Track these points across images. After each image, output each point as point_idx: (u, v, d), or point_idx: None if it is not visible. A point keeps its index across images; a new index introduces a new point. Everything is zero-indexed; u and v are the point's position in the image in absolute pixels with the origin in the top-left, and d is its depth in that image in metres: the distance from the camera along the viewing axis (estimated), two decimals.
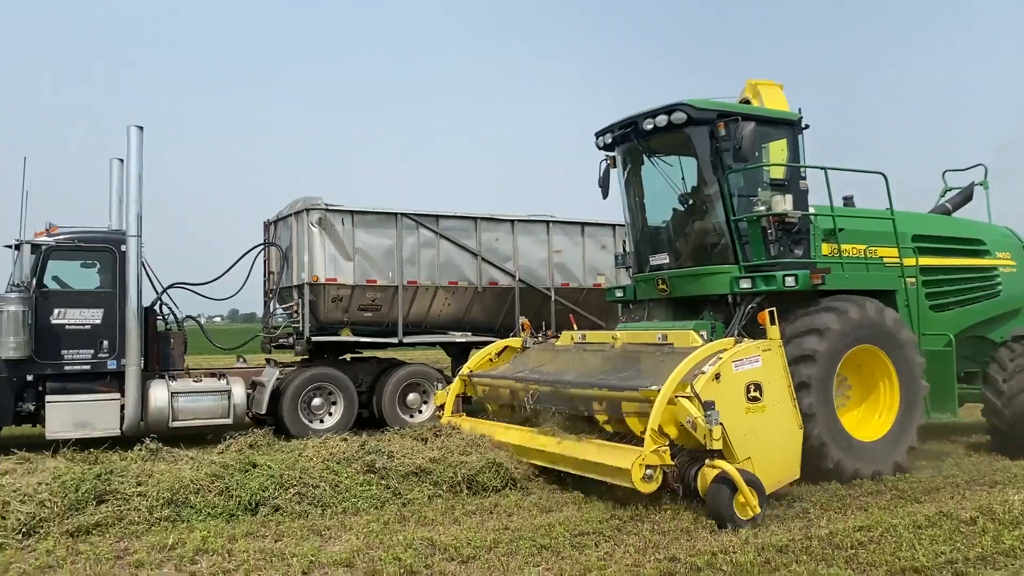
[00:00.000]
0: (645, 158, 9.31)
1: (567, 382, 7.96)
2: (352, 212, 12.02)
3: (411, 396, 12.31)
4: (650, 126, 8.66)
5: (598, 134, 9.52)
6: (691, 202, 8.95)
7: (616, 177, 9.77)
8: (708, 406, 6.26)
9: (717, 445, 6.22)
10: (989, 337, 10.18)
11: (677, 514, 6.50)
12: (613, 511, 6.71)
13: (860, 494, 7.35)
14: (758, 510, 6.21)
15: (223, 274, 12.58)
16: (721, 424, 6.29)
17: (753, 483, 6.26)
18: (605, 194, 9.95)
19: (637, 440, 7.21)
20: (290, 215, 12.38)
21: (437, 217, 12.65)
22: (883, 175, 8.89)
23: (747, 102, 9.81)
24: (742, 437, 6.58)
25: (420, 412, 12.33)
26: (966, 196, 10.88)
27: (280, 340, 12.86)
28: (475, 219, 12.94)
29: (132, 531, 6.15)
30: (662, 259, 9.18)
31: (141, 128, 10.49)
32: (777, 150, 9.40)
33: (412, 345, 12.93)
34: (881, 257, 9.22)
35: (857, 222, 9.00)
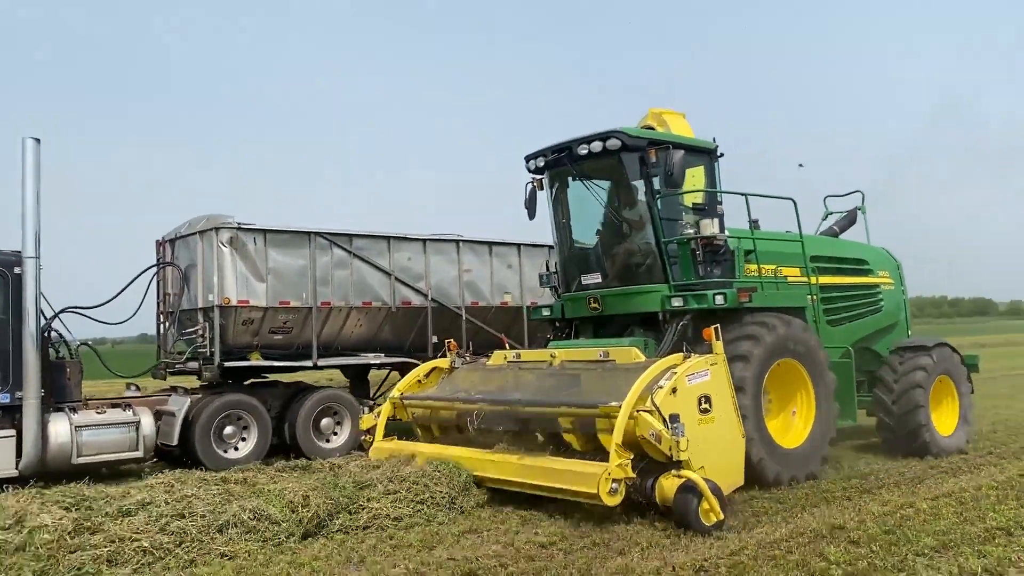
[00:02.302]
0: (576, 181, 9.66)
1: (517, 400, 8.11)
2: (265, 231, 11.66)
3: (324, 421, 12.02)
4: (584, 151, 9.01)
5: (529, 158, 9.79)
6: (622, 224, 9.36)
7: (544, 199, 10.06)
8: (674, 419, 6.61)
9: (685, 456, 6.58)
10: (873, 348, 11.20)
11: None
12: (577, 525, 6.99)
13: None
14: (722, 516, 6.60)
15: (115, 296, 11.89)
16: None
17: (716, 491, 6.65)
18: (532, 215, 10.22)
19: (582, 455, 7.50)
20: (192, 234, 11.84)
21: (350, 236, 12.49)
22: (793, 201, 9.67)
23: (650, 128, 10.37)
24: (696, 447, 6.95)
25: (334, 437, 12.10)
26: (850, 219, 11.94)
27: (178, 366, 12.24)
28: (388, 238, 12.86)
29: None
30: (594, 279, 9.52)
31: (38, 140, 9.76)
32: (690, 176, 9.99)
33: (319, 368, 12.65)
34: (786, 276, 9.98)
35: (769, 244, 9.71)
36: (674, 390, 6.99)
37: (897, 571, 5.69)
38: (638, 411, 6.90)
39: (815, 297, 9.97)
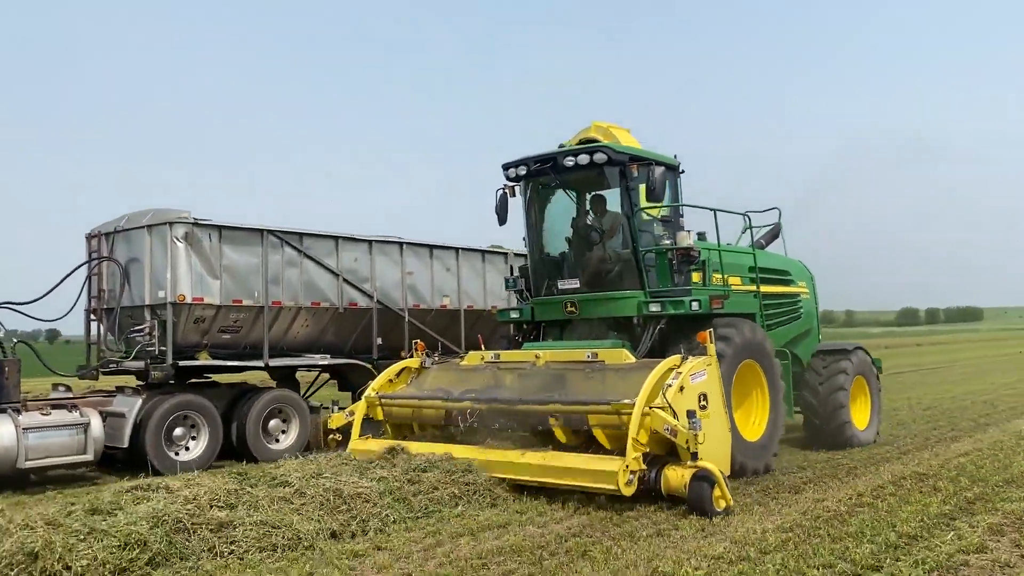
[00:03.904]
0: (551, 190, 10.14)
1: (518, 399, 8.47)
2: (220, 227, 11.38)
3: (273, 422, 11.87)
4: (571, 163, 9.50)
5: (509, 166, 10.16)
6: (601, 233, 9.92)
7: (519, 205, 10.48)
8: (691, 414, 7.24)
9: (702, 448, 7.20)
10: (794, 352, 12.35)
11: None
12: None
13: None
14: (731, 501, 7.28)
15: (51, 291, 11.33)
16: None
17: (725, 479, 7.32)
18: (503, 221, 10.59)
19: (586, 449, 8.01)
20: (137, 228, 11.40)
21: (301, 235, 12.38)
22: (747, 216, 10.59)
23: (593, 142, 11.00)
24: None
25: (280, 439, 11.95)
26: (774, 233, 13.03)
27: (112, 366, 11.68)
28: (336, 238, 12.83)
29: None
30: (572, 283, 10.01)
31: None
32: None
33: (271, 368, 12.43)
34: (731, 285, 10.89)
35: (726, 255, 10.57)
36: (681, 388, 7.62)
37: (1004, 493, 7.71)
38: (651, 407, 7.47)
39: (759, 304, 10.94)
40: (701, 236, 10.96)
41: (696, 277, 10.20)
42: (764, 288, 11.40)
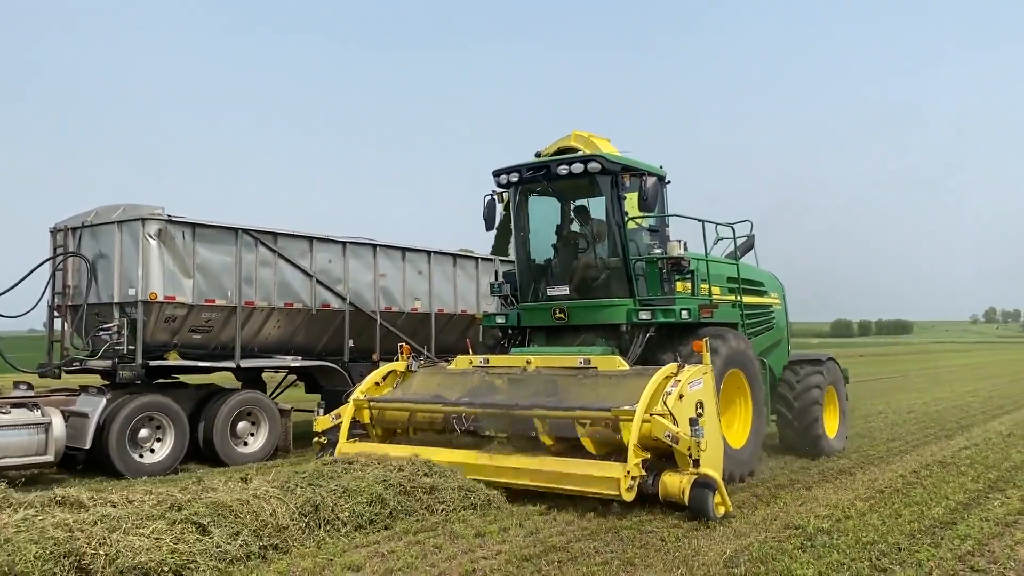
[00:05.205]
0: (545, 197, 10.09)
1: (516, 405, 8.37)
2: (193, 225, 11.01)
3: (241, 425, 11.53)
4: (565, 172, 9.46)
5: (500, 172, 10.05)
6: (592, 241, 9.90)
7: (509, 212, 10.39)
8: (693, 422, 7.25)
9: (704, 456, 7.22)
10: (767, 361, 12.54)
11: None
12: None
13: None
14: (730, 507, 7.32)
15: (15, 285, 10.81)
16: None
17: (722, 486, 7.36)
18: (490, 226, 10.51)
19: (583, 455, 7.98)
20: (106, 223, 10.96)
21: (275, 235, 12.07)
22: (732, 227, 10.71)
23: (572, 151, 11.01)
24: None
25: (248, 442, 11.61)
26: (749, 245, 13.22)
27: (75, 364, 11.19)
28: (310, 239, 12.56)
29: None
30: (561, 290, 9.96)
31: None
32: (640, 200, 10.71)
33: (242, 369, 12.07)
34: (711, 295, 10.99)
35: (715, 266, 10.66)
36: (681, 396, 7.63)
37: (1018, 477, 9.28)
38: (652, 414, 7.46)
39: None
40: (684, 245, 11.05)
41: (680, 287, 10.28)
42: (744, 299, 11.54)
